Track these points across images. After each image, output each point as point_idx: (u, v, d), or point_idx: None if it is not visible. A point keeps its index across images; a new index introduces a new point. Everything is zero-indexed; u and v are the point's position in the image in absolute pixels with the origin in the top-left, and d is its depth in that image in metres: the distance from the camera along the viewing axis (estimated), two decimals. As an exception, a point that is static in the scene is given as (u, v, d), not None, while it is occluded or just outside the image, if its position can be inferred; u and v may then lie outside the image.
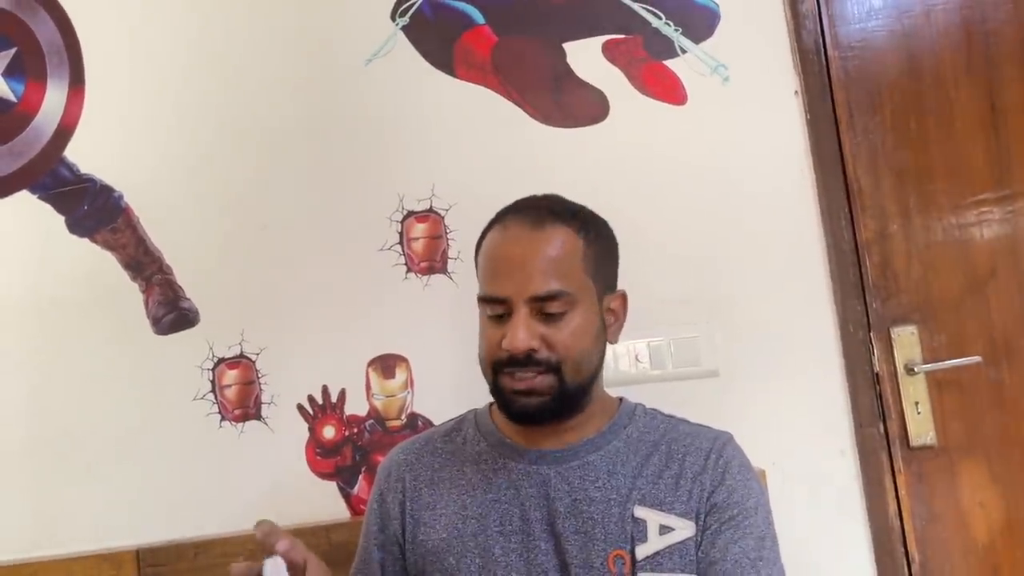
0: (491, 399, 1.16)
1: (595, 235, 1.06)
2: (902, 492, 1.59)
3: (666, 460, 1.04)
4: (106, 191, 1.68)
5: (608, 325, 1.07)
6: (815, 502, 1.56)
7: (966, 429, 1.63)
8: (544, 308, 0.99)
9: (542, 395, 1.00)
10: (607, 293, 1.07)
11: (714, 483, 1.02)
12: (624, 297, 1.11)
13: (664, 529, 0.99)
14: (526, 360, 0.99)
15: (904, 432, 1.61)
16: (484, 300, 1.04)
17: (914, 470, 1.61)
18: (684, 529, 0.99)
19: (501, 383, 1.02)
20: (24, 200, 1.69)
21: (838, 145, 1.64)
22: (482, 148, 1.66)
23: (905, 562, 1.58)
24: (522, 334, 0.98)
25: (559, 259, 1.01)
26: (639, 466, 1.04)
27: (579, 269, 1.02)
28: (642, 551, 0.98)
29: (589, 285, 1.03)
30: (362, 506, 1.61)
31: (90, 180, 1.69)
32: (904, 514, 1.58)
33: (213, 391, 1.65)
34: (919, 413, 1.61)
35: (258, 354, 1.65)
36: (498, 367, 1.02)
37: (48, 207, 1.69)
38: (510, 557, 1.01)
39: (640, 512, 1.00)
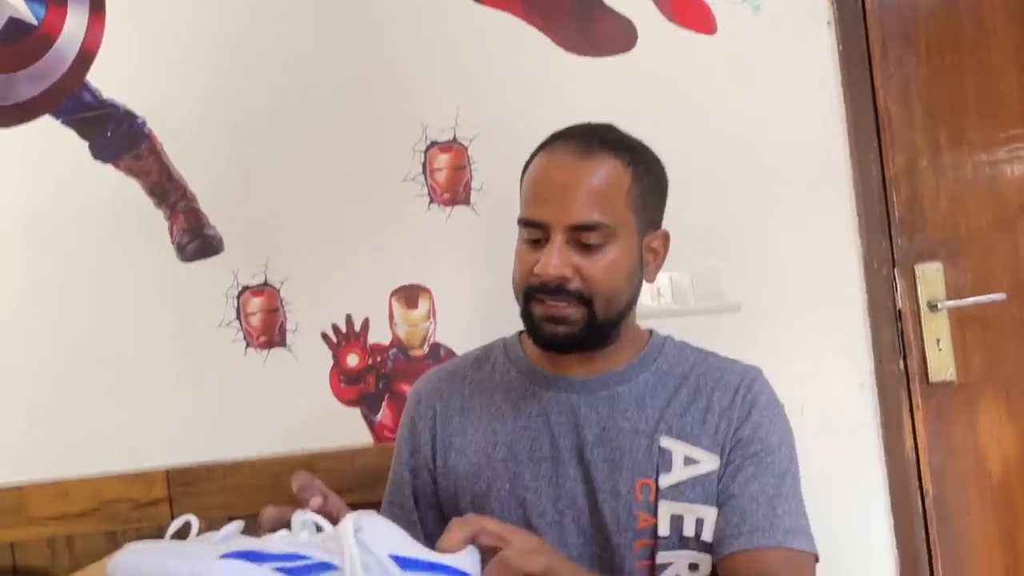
0: (516, 329, 1.18)
1: (644, 170, 1.04)
2: (919, 427, 1.60)
3: (694, 393, 1.05)
4: (129, 117, 1.68)
5: (646, 264, 1.06)
6: (832, 436, 1.58)
7: (986, 366, 1.64)
8: (581, 238, 0.99)
9: (571, 325, 1.00)
10: (649, 231, 1.06)
11: (740, 419, 1.02)
12: (666, 237, 1.10)
13: (689, 461, 1.00)
14: (557, 288, 0.99)
15: (924, 368, 1.61)
16: (523, 223, 1.03)
17: (932, 406, 1.62)
18: (709, 462, 1.00)
19: (532, 308, 1.02)
20: (47, 125, 1.68)
21: (870, 78, 1.60)
22: (506, 77, 1.63)
23: (919, 495, 1.60)
24: (555, 261, 0.97)
25: (602, 189, 0.99)
26: (668, 398, 1.05)
27: (622, 202, 1.01)
28: (665, 480, 1.00)
29: (631, 220, 1.02)
30: (386, 432, 1.64)
31: (113, 105, 1.68)
32: (920, 449, 1.60)
33: (238, 318, 1.67)
34: (940, 349, 1.61)
35: (282, 282, 1.67)
36: (530, 292, 1.02)
37: (72, 132, 1.68)
38: (539, 483, 1.03)
39: (666, 443, 1.01)
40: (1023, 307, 1.64)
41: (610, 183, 1.00)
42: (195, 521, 0.79)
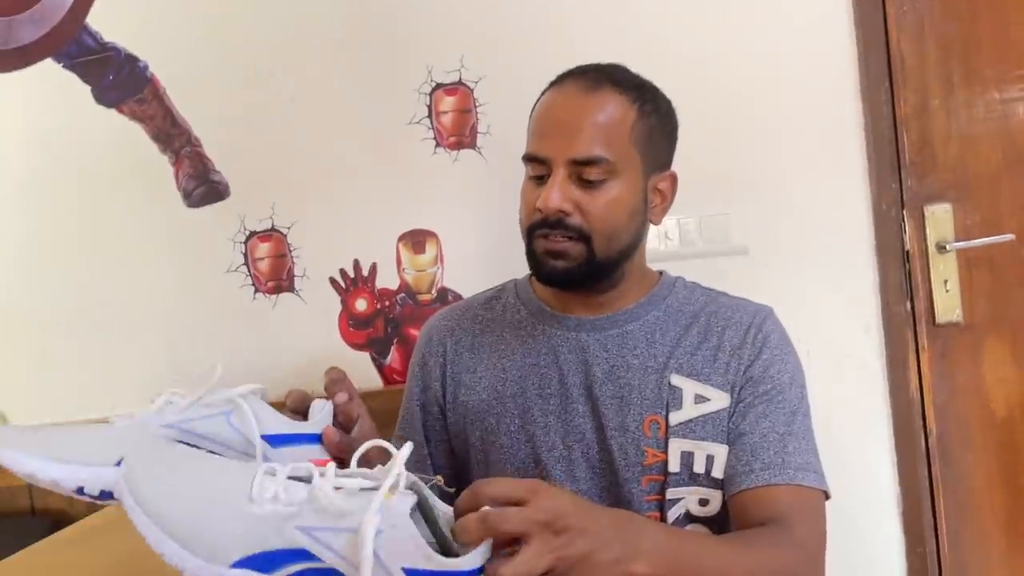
0: (526, 272, 1.18)
1: (651, 109, 1.03)
2: (924, 368, 1.61)
3: (705, 332, 1.05)
4: (131, 60, 1.66)
5: (652, 204, 1.06)
6: (838, 377, 1.59)
7: (993, 307, 1.64)
8: (583, 173, 0.98)
9: (569, 260, 1.00)
10: (656, 172, 1.05)
11: (751, 357, 1.02)
12: (674, 179, 1.09)
13: (699, 398, 1.01)
14: (556, 223, 0.99)
15: (931, 309, 1.62)
16: (526, 159, 1.03)
17: (938, 347, 1.63)
18: (719, 400, 1.01)
19: (535, 245, 1.02)
20: (49, 69, 1.67)
21: (883, 15, 1.57)
22: (512, 18, 1.61)
23: (923, 435, 1.62)
24: (555, 195, 0.97)
25: (606, 125, 0.99)
26: (678, 336, 1.05)
27: (626, 140, 1.00)
28: (675, 417, 1.01)
29: (635, 159, 1.01)
30: (395, 376, 1.65)
31: (114, 49, 1.66)
32: (925, 389, 1.61)
33: (246, 264, 1.68)
34: (947, 291, 1.61)
35: (289, 228, 1.67)
36: (533, 229, 1.02)
37: (74, 77, 1.67)
38: (548, 419, 1.04)
39: (677, 380, 1.02)
40: (1032, 248, 1.63)
41: (614, 119, 0.99)
42: (219, 370, 0.77)
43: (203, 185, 1.67)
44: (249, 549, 0.63)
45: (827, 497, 1.01)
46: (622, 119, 1.00)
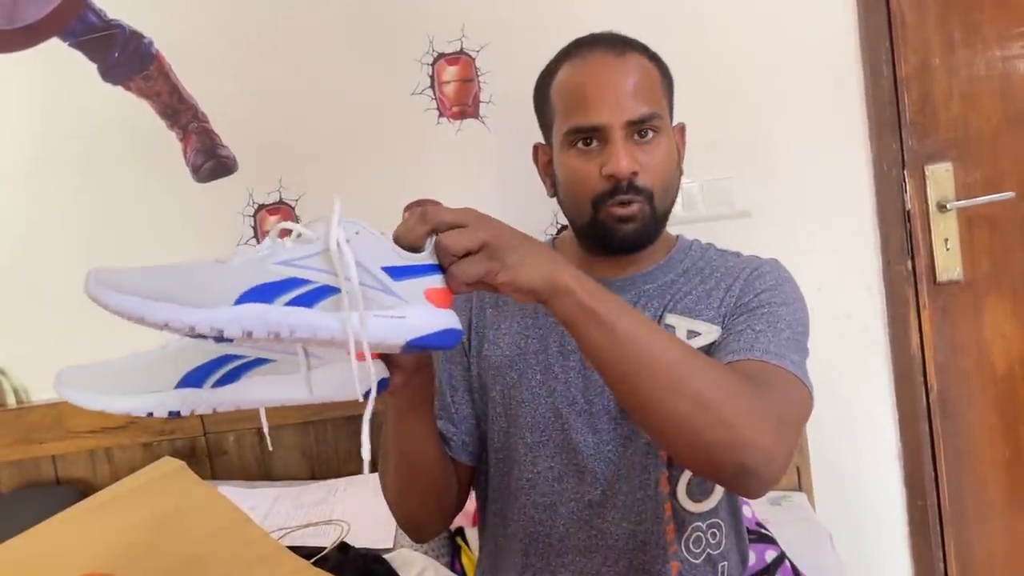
0: (546, 239, 1.20)
1: (661, 63, 1.08)
2: (925, 326, 1.64)
3: (704, 277, 1.08)
4: (136, 37, 1.67)
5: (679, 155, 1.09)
6: (841, 336, 1.62)
7: (993, 264, 1.66)
8: (638, 131, 1.01)
9: (639, 222, 1.02)
10: (673, 122, 1.09)
11: (743, 289, 1.03)
12: (683, 129, 1.12)
13: (691, 334, 1.03)
14: (628, 186, 1.00)
15: (932, 268, 1.64)
16: (576, 131, 1.02)
17: (939, 305, 1.65)
18: (710, 333, 1.03)
19: (603, 214, 1.02)
20: (55, 48, 1.68)
21: (882, -25, 1.58)
22: (513, -16, 1.61)
23: (924, 391, 1.65)
24: (625, 159, 0.99)
25: (645, 82, 1.02)
26: (684, 290, 1.07)
27: (659, 93, 1.04)
28: None
29: (667, 111, 1.06)
30: (405, 342, 1.68)
31: (119, 26, 1.67)
32: (926, 346, 1.64)
33: (255, 237, 1.70)
34: (948, 249, 1.63)
35: (297, 200, 1.69)
36: (600, 200, 1.02)
37: (79, 55, 1.68)
38: (569, 375, 1.07)
39: (671, 319, 1.04)
40: (1032, 206, 1.65)
41: (647, 76, 1.03)
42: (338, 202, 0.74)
43: (211, 160, 1.70)
44: (243, 287, 0.67)
45: (809, 394, 0.94)
46: (651, 75, 1.04)
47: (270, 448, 1.70)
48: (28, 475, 1.76)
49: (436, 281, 0.75)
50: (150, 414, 0.72)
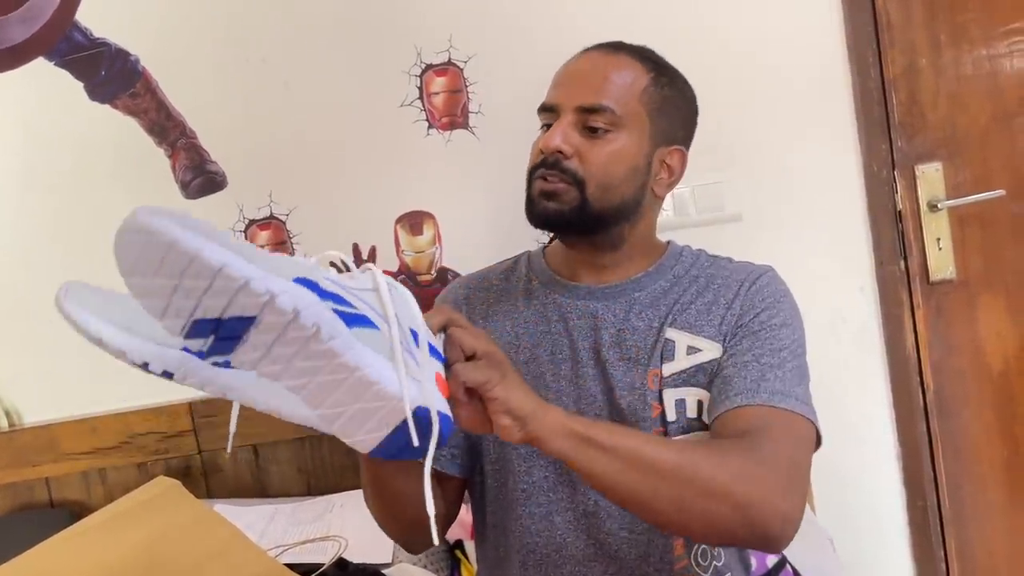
0: (524, 250, 1.20)
1: (668, 83, 1.06)
2: (920, 326, 1.64)
3: (702, 289, 1.07)
4: (122, 55, 1.67)
5: (657, 175, 1.07)
6: (835, 338, 1.62)
7: (986, 262, 1.66)
8: (588, 120, 1.00)
9: (561, 203, 1.02)
10: (665, 144, 1.07)
11: (744, 307, 1.03)
12: (684, 157, 1.10)
13: (692, 350, 1.03)
14: (554, 163, 1.01)
15: (924, 268, 1.64)
16: (539, 110, 1.06)
17: (933, 304, 1.65)
18: (711, 351, 1.02)
19: (532, 188, 1.04)
20: (42, 67, 1.68)
21: (868, -23, 1.58)
22: (499, -6, 1.61)
23: (920, 391, 1.64)
24: (557, 136, 1.00)
25: (616, 79, 1.02)
26: (678, 296, 1.07)
27: (635, 98, 1.02)
28: (668, 368, 1.02)
29: (643, 120, 1.03)
30: (399, 356, 1.68)
31: (105, 44, 1.67)
32: (921, 346, 1.64)
33: (247, 252, 1.69)
34: (940, 249, 1.64)
35: (287, 215, 1.68)
36: (533, 171, 1.04)
37: (66, 74, 1.68)
38: (561, 383, 1.06)
39: (671, 333, 1.04)
40: (1022, 203, 1.65)
41: (626, 77, 1.03)
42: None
43: (200, 176, 1.69)
44: (298, 273, 0.66)
45: (818, 435, 0.97)
46: (634, 79, 1.03)
47: (227, 452, 1.68)
48: (22, 498, 1.74)
49: (442, 369, 0.75)
50: (145, 364, 0.66)
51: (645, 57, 1.06)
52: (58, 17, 1.66)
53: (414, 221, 1.67)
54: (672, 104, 1.07)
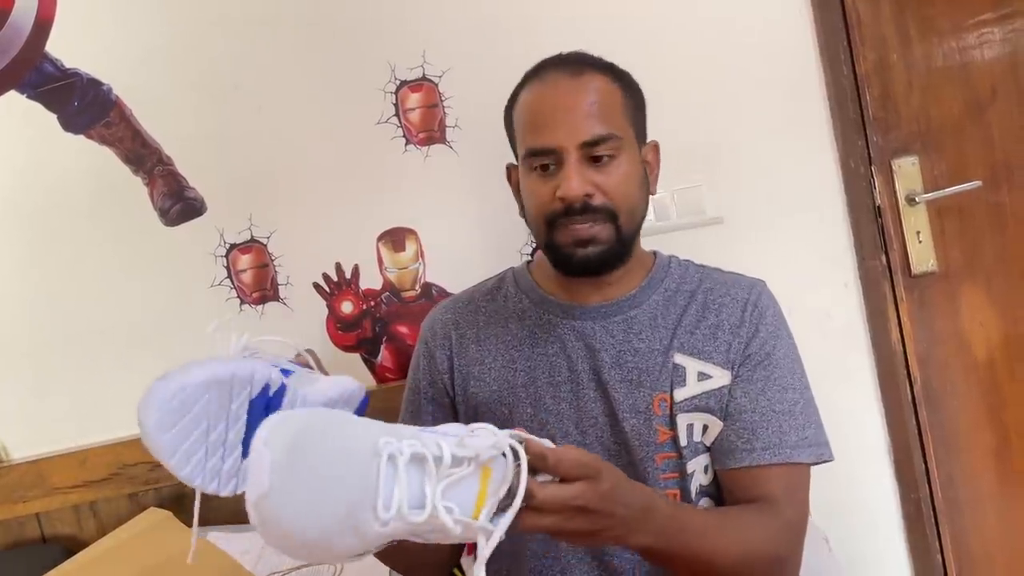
0: (508, 263, 1.20)
1: (629, 84, 1.07)
2: (904, 319, 1.64)
3: (703, 310, 1.07)
4: (94, 84, 1.66)
5: (647, 175, 1.09)
6: (821, 334, 1.62)
7: (966, 253, 1.67)
8: (594, 152, 0.99)
9: (601, 244, 1.01)
10: (642, 143, 1.08)
11: (749, 335, 1.05)
12: (656, 147, 1.11)
13: (702, 376, 1.04)
14: (583, 208, 0.99)
15: (906, 261, 1.65)
16: (531, 153, 1.02)
17: (916, 297, 1.66)
18: (721, 377, 1.03)
19: (557, 237, 1.02)
20: (13, 100, 1.67)
21: (835, -25, 1.59)
22: (470, 7, 1.61)
23: (907, 384, 1.65)
24: (576, 181, 0.98)
25: (602, 104, 1.01)
26: (678, 316, 1.07)
27: (620, 114, 1.03)
28: (680, 394, 1.03)
29: (630, 132, 1.04)
30: (387, 374, 1.67)
31: (76, 74, 1.66)
32: (906, 339, 1.65)
33: (229, 276, 1.69)
34: (920, 242, 1.64)
35: (268, 237, 1.68)
36: (553, 220, 1.01)
37: (38, 106, 1.67)
38: (560, 406, 1.06)
39: (680, 359, 1.04)
40: (999, 193, 1.66)
41: (606, 97, 1.02)
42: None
43: (179, 203, 1.68)
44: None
45: (830, 459, 1.06)
46: (612, 96, 1.03)
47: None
48: (12, 535, 1.72)
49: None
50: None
51: (604, 67, 1.05)
52: (27, 49, 1.65)
53: (396, 237, 1.66)
54: (637, 104, 1.09)
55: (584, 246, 1.01)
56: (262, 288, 1.69)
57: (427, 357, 1.17)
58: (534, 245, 1.58)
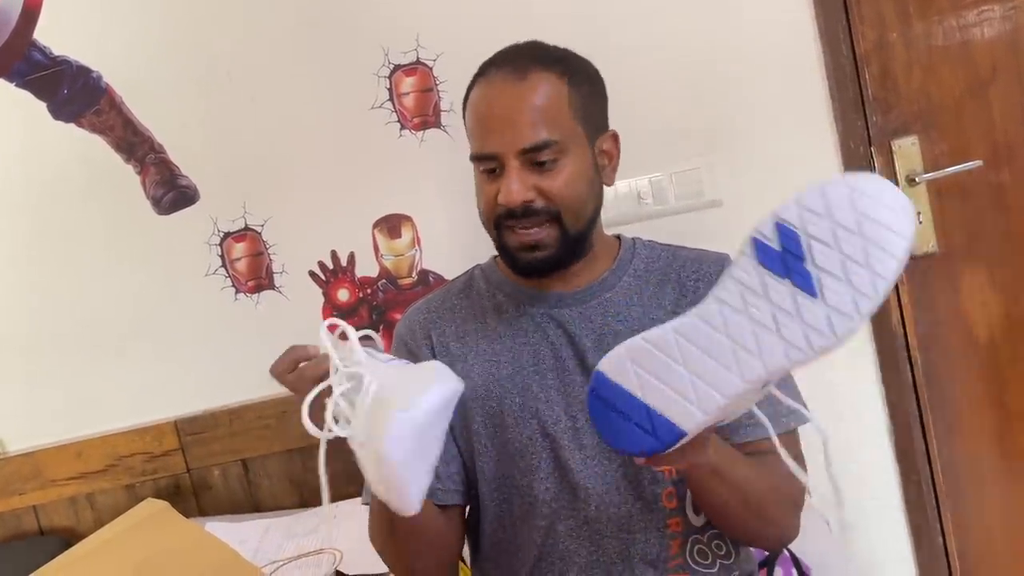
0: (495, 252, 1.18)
1: (581, 77, 1.04)
2: (905, 300, 1.63)
3: (680, 289, 1.07)
4: (83, 72, 1.64)
5: (602, 167, 1.07)
6: (821, 318, 1.61)
7: (967, 234, 1.66)
8: (535, 158, 0.99)
9: (546, 247, 1.01)
10: (598, 135, 1.06)
11: None
12: (616, 137, 1.10)
13: None
14: (524, 212, 0.99)
15: (906, 242, 1.63)
16: (475, 158, 1.03)
17: (916, 278, 1.65)
18: None
19: (505, 239, 1.02)
20: (2, 89, 1.65)
21: (834, -47, 1.57)
22: (463, -10, 1.59)
23: (908, 365, 1.64)
24: (515, 187, 0.98)
25: (545, 107, 0.99)
26: (654, 295, 1.07)
27: (566, 115, 1.01)
28: None
29: (578, 130, 1.02)
30: (384, 362, 1.66)
31: (65, 62, 1.64)
32: (907, 321, 1.64)
33: (224, 265, 1.67)
34: (920, 223, 1.63)
35: (263, 225, 1.66)
36: (499, 222, 1.02)
37: (27, 95, 1.65)
38: (548, 393, 1.05)
39: None
40: (1000, 172, 1.65)
41: (551, 99, 1.00)
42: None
43: (172, 191, 1.66)
44: None
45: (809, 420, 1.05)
46: (557, 97, 1.00)
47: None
48: (10, 527, 1.72)
49: None
50: None
51: (552, 62, 1.02)
52: (15, 38, 1.63)
53: (392, 224, 1.65)
54: (591, 96, 1.05)
55: (530, 251, 1.01)
56: (257, 277, 1.67)
57: (410, 357, 1.16)
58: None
